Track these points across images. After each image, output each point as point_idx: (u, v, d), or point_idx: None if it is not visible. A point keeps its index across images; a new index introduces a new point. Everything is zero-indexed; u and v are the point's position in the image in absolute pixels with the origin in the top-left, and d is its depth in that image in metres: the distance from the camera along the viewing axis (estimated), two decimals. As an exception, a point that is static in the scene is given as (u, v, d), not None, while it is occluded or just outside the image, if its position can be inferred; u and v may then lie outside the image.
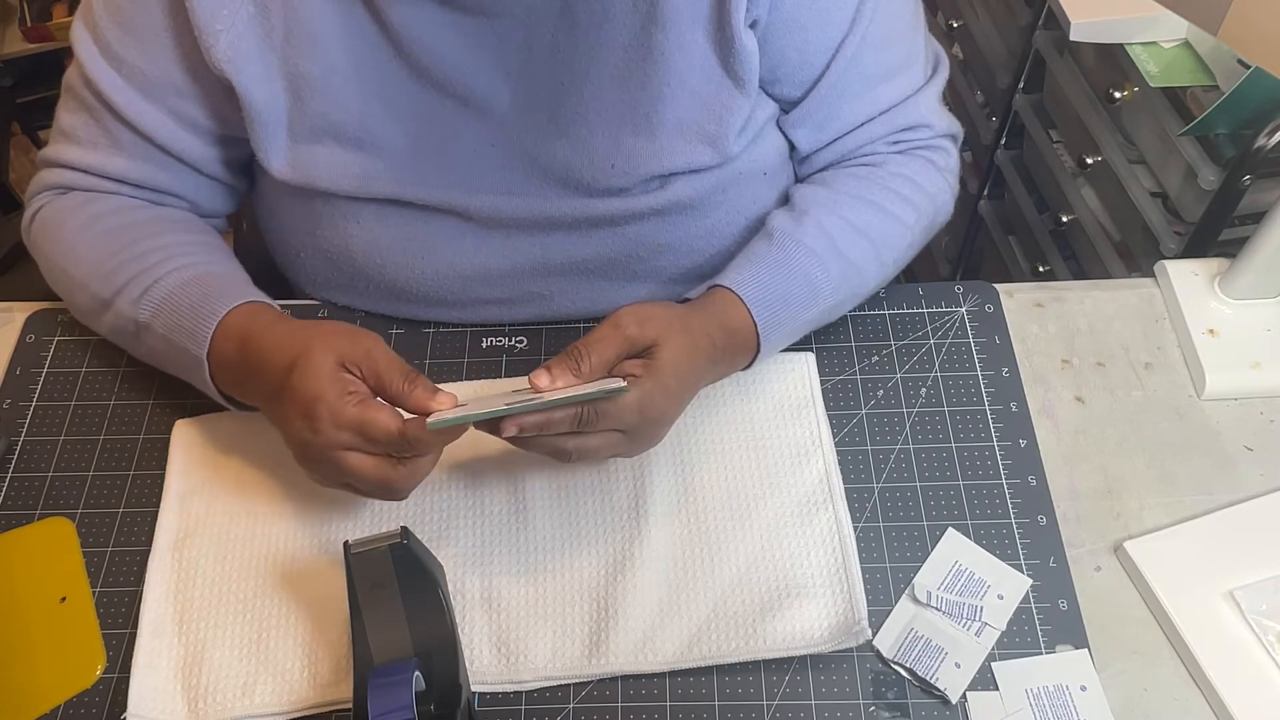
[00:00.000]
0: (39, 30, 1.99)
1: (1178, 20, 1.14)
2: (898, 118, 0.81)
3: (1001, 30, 1.52)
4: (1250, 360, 0.82)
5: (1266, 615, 0.69)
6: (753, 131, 0.78)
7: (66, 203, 0.80)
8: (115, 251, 0.76)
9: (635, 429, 0.67)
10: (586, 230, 0.80)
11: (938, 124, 0.83)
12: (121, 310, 0.75)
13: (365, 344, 0.67)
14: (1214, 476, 0.77)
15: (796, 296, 0.75)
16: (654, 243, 0.81)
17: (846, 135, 0.81)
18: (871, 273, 0.79)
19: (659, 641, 0.70)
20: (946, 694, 0.68)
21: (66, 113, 0.79)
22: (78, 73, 0.76)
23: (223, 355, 0.72)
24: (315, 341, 0.66)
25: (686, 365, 0.69)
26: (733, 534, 0.74)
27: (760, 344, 0.74)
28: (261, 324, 0.71)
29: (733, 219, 0.81)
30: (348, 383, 0.66)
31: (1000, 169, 1.55)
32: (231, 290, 0.74)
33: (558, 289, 0.83)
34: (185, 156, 0.79)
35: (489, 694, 0.70)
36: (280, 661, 0.70)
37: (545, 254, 0.81)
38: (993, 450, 0.78)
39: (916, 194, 0.81)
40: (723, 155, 0.77)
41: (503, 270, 0.82)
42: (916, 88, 0.82)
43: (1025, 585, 0.72)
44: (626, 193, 0.78)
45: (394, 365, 0.67)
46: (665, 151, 0.76)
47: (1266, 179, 1.06)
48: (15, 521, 0.77)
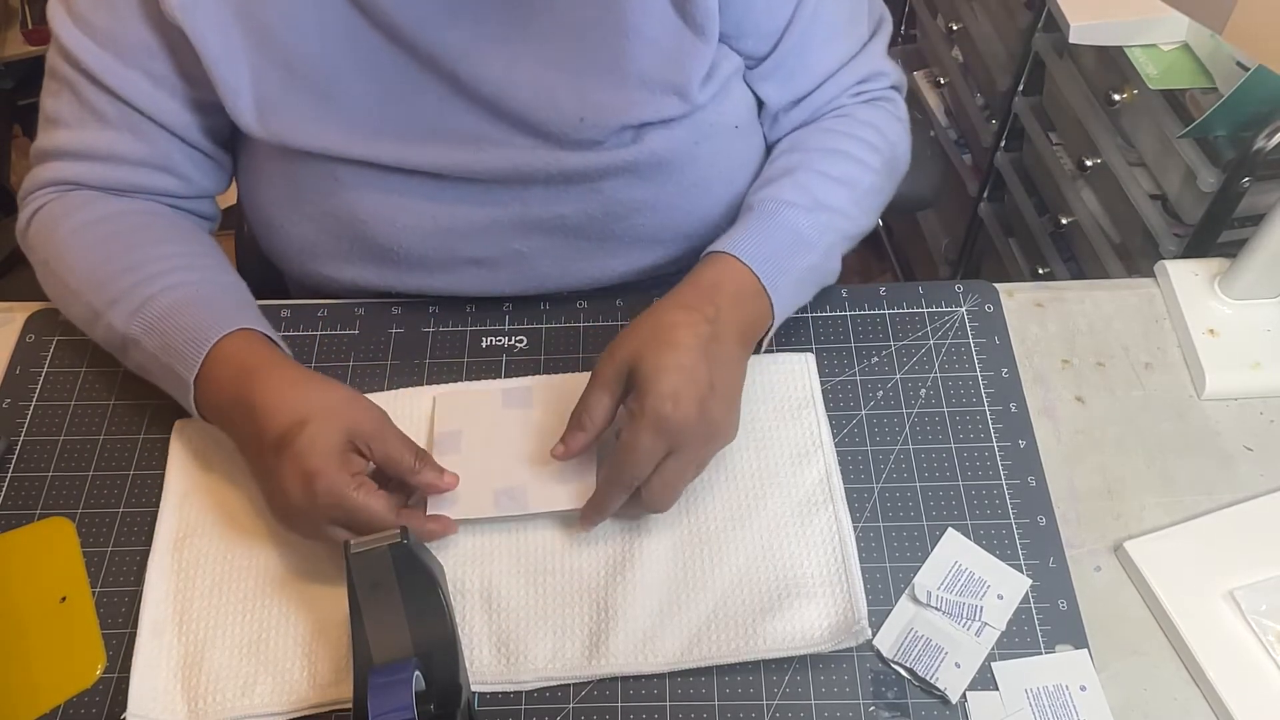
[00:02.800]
0: (40, 33, 1.99)
1: (1177, 23, 1.14)
2: (858, 68, 0.85)
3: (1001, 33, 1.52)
4: (1250, 360, 0.82)
5: (1266, 615, 0.69)
6: (719, 82, 0.79)
7: (62, 206, 0.80)
8: (109, 260, 0.76)
9: (681, 429, 0.67)
10: (563, 186, 0.80)
11: (890, 72, 0.88)
12: (113, 323, 0.75)
13: (376, 424, 0.70)
14: (1214, 476, 0.77)
15: (786, 243, 0.76)
16: (631, 199, 0.81)
17: (815, 91, 0.84)
18: (855, 215, 0.81)
19: (659, 642, 0.70)
20: (946, 694, 0.68)
21: (49, 97, 0.80)
22: (55, 48, 0.77)
23: (211, 382, 0.72)
24: (324, 411, 0.68)
25: (685, 338, 0.69)
26: (733, 534, 0.74)
27: (770, 294, 0.74)
28: (260, 362, 0.72)
29: (708, 174, 0.82)
30: (352, 463, 0.68)
31: (1000, 171, 1.56)
32: (226, 314, 0.74)
33: (538, 247, 0.83)
34: (166, 122, 0.78)
35: (489, 694, 0.69)
36: (280, 661, 0.70)
37: (524, 209, 0.81)
38: (992, 450, 0.78)
39: (880, 140, 0.84)
40: (689, 104, 0.77)
41: (482, 224, 0.82)
42: (866, 38, 0.86)
43: (1025, 585, 0.72)
44: (599, 146, 0.78)
45: (405, 445, 0.71)
46: (632, 103, 0.77)
47: (1266, 181, 1.07)
48: (15, 521, 0.77)
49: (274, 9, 0.74)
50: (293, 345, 0.85)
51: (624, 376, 0.70)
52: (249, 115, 0.76)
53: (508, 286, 0.86)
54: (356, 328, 0.87)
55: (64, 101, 0.78)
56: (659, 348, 0.68)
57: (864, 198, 0.82)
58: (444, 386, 0.82)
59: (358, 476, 0.68)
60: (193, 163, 0.82)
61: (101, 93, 0.77)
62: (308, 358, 0.85)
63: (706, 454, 0.71)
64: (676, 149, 0.80)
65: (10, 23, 2.05)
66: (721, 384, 0.69)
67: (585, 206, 0.81)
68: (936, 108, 1.80)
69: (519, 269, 0.85)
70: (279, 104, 0.76)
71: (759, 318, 0.74)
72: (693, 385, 0.67)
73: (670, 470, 0.69)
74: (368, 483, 0.68)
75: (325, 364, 0.84)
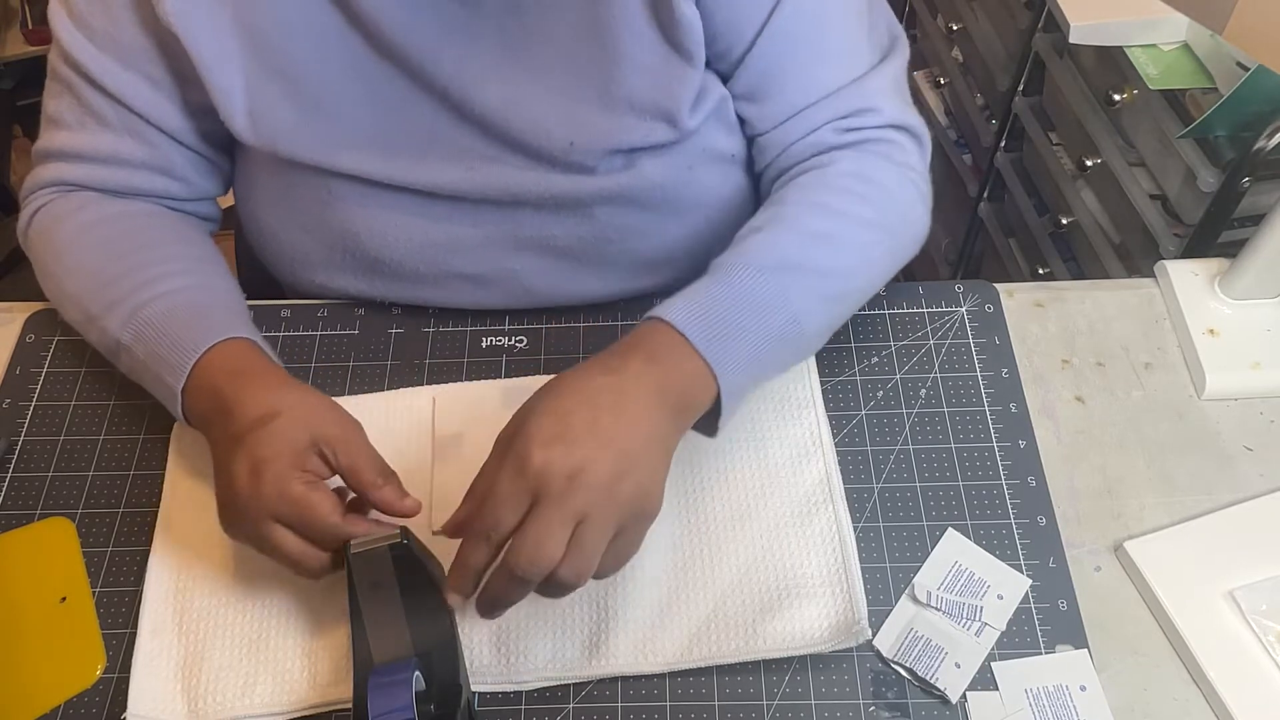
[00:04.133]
0: (40, 33, 1.99)
1: (1177, 23, 1.14)
2: (843, 102, 0.77)
3: (1001, 33, 1.52)
4: (1250, 360, 0.82)
5: (1266, 615, 0.69)
6: (708, 107, 0.77)
7: (62, 206, 0.80)
8: (105, 266, 0.76)
9: (544, 472, 0.59)
10: (554, 208, 0.80)
11: (886, 109, 0.78)
12: (106, 328, 0.75)
13: (348, 432, 0.66)
14: (1214, 476, 0.77)
15: (734, 305, 0.68)
16: (624, 224, 0.80)
17: (791, 120, 0.78)
18: (839, 273, 0.73)
19: (659, 642, 0.70)
20: (946, 694, 0.68)
21: (51, 98, 0.80)
22: (56, 50, 0.77)
23: (198, 391, 0.70)
24: (295, 410, 0.66)
25: (570, 385, 0.63)
26: (733, 534, 0.74)
27: (704, 356, 0.65)
28: (244, 367, 0.70)
29: (702, 199, 0.81)
30: (309, 461, 0.65)
31: (1000, 171, 1.56)
32: (215, 324, 0.72)
33: (530, 266, 0.83)
34: (165, 126, 0.78)
35: (489, 694, 0.69)
36: (280, 661, 0.70)
37: (516, 229, 0.81)
38: (992, 450, 0.78)
39: (868, 189, 0.75)
40: (680, 130, 0.76)
41: (474, 241, 0.81)
42: (863, 71, 0.78)
43: (1025, 585, 0.72)
44: (591, 172, 0.77)
45: (374, 461, 0.67)
46: (621, 128, 0.76)
47: (1265, 181, 1.06)
48: (15, 521, 0.77)
49: (269, 17, 0.73)
50: (293, 345, 0.86)
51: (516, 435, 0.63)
52: (242, 121, 0.76)
53: (501, 301, 0.86)
54: (356, 328, 0.87)
55: (65, 103, 0.78)
56: (542, 395, 0.64)
57: (850, 254, 0.73)
58: (444, 386, 0.82)
59: (309, 474, 0.64)
60: (193, 166, 0.82)
61: (101, 95, 0.77)
62: (308, 358, 0.85)
63: (602, 516, 0.60)
64: (670, 175, 0.79)
65: (10, 23, 2.05)
66: (619, 437, 0.61)
67: (577, 229, 0.81)
68: (936, 108, 1.80)
69: (512, 286, 0.84)
70: (271, 112, 0.76)
71: (688, 379, 0.66)
72: (567, 429, 0.60)
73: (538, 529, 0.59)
74: (320, 483, 0.65)
75: (325, 364, 0.84)
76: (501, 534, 0.60)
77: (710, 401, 0.67)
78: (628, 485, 0.61)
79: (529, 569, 0.59)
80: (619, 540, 0.62)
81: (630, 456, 0.61)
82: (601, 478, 0.60)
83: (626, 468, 0.61)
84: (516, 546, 0.59)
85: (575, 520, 0.60)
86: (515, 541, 0.60)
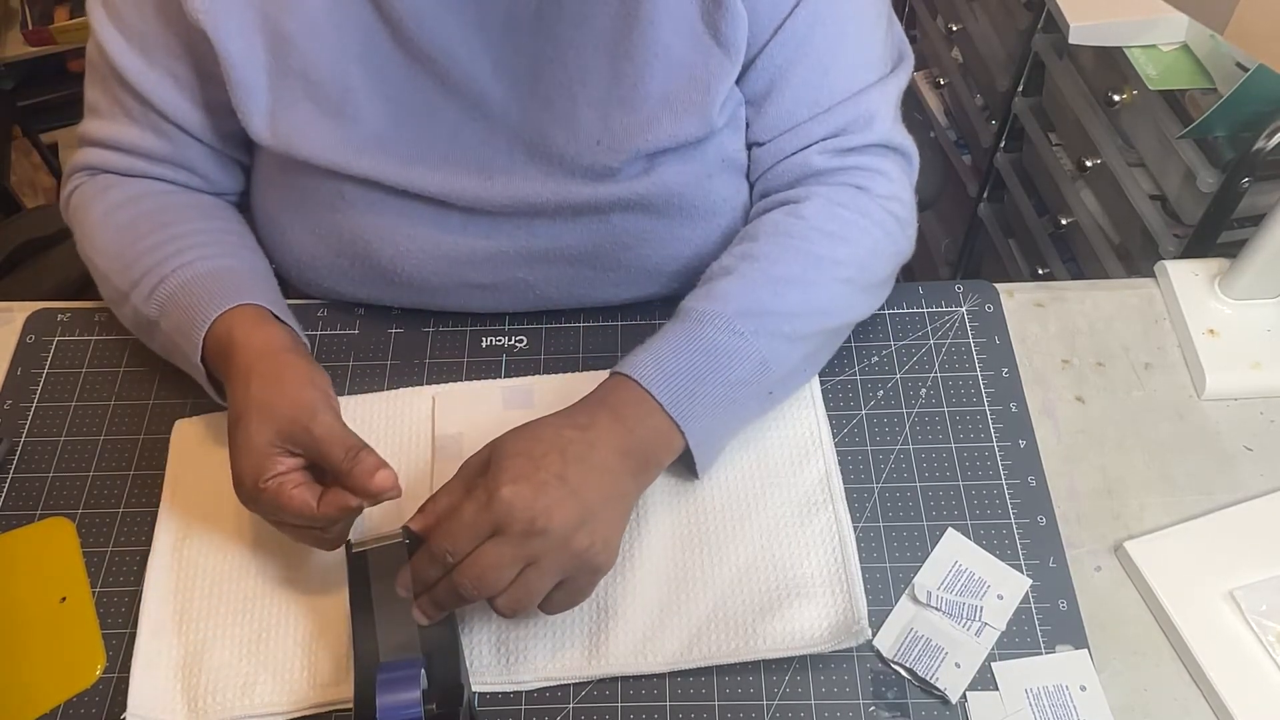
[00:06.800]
0: (40, 33, 1.99)
1: (1177, 23, 1.14)
2: (840, 116, 0.77)
3: (1001, 33, 1.52)
4: (1250, 360, 0.82)
5: (1266, 615, 0.69)
6: (730, 107, 0.77)
7: (93, 188, 0.81)
8: (131, 243, 0.77)
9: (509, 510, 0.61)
10: (570, 218, 0.79)
11: (879, 126, 0.78)
12: (137, 306, 0.76)
13: (304, 420, 0.66)
14: (1214, 476, 0.77)
15: (698, 358, 0.70)
16: (639, 230, 0.80)
17: (786, 134, 0.78)
18: (808, 315, 0.74)
19: (659, 642, 0.70)
20: (946, 694, 0.68)
21: (89, 86, 0.81)
22: (93, 40, 0.78)
23: (213, 360, 0.73)
24: (251, 413, 0.67)
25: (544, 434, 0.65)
26: (732, 534, 0.74)
27: (670, 414, 0.68)
28: (232, 347, 0.71)
29: (718, 208, 0.81)
30: (274, 464, 0.66)
31: (1000, 172, 1.56)
32: (230, 290, 0.74)
33: (542, 276, 0.83)
34: (187, 126, 0.79)
35: (489, 694, 0.69)
36: (280, 661, 0.70)
37: (530, 240, 0.81)
38: (992, 450, 0.78)
39: (842, 227, 0.76)
40: (708, 125, 0.75)
41: (487, 253, 0.81)
42: (865, 85, 0.78)
43: (1025, 585, 0.72)
44: (611, 178, 0.77)
45: (334, 441, 0.66)
46: (651, 124, 0.75)
47: (1265, 181, 1.07)
48: (15, 522, 0.77)
49: (296, 18, 0.73)
50: (293, 345, 0.86)
51: (485, 467, 0.65)
52: (260, 121, 0.76)
53: (509, 307, 0.86)
54: (356, 328, 0.87)
55: (99, 93, 0.80)
56: (515, 437, 0.66)
57: (821, 295, 0.74)
58: (444, 386, 0.82)
59: (277, 476, 0.66)
60: (214, 163, 0.83)
61: (126, 90, 0.77)
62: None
63: (551, 563, 0.63)
64: (688, 183, 0.78)
65: (10, 23, 2.05)
66: (584, 489, 0.64)
67: (592, 237, 0.80)
68: (936, 108, 1.80)
69: (522, 293, 0.84)
70: (291, 113, 0.76)
71: (653, 436, 0.69)
72: (536, 472, 0.63)
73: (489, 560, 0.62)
74: (290, 477, 0.66)
75: (325, 364, 0.84)
76: (457, 558, 0.63)
77: (678, 453, 0.71)
78: (583, 538, 0.63)
79: (470, 592, 0.62)
80: (568, 586, 0.65)
81: (591, 510, 0.64)
82: (561, 527, 0.62)
83: (586, 520, 0.64)
84: (465, 568, 0.62)
85: (525, 562, 0.63)
86: (466, 564, 0.62)
